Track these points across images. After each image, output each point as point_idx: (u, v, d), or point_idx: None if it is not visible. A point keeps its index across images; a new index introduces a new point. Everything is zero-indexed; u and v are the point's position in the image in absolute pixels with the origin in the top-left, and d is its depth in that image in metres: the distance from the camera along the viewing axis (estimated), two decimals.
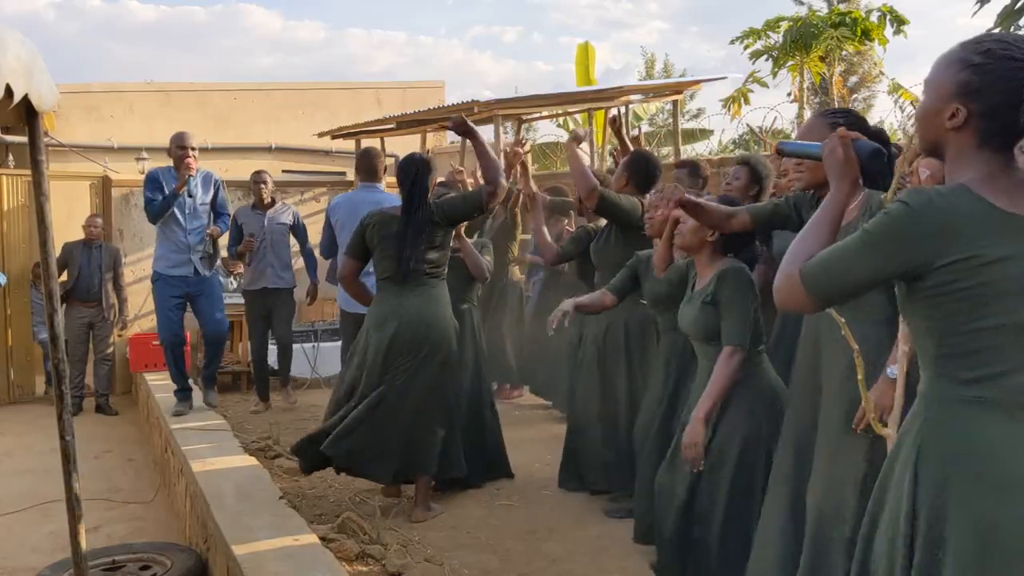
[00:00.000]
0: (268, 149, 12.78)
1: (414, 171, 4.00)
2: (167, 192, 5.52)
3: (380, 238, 4.01)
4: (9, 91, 1.96)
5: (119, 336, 7.87)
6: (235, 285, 7.94)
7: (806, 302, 1.56)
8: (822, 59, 12.21)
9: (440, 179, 6.78)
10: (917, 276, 1.47)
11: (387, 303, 4.01)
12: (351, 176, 9.11)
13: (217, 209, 5.78)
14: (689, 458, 2.84)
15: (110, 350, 7.62)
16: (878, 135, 2.39)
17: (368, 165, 5.45)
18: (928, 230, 1.44)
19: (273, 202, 6.64)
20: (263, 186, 6.55)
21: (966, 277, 1.42)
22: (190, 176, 5.53)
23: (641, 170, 4.16)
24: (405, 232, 3.94)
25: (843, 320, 2.11)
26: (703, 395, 2.85)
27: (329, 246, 5.62)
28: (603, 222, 4.29)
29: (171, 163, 5.63)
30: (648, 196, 3.77)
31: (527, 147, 5.03)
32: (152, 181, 5.58)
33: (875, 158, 1.67)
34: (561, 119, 14.69)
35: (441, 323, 4.01)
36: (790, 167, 2.65)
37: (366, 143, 10.57)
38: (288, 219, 6.63)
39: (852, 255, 1.50)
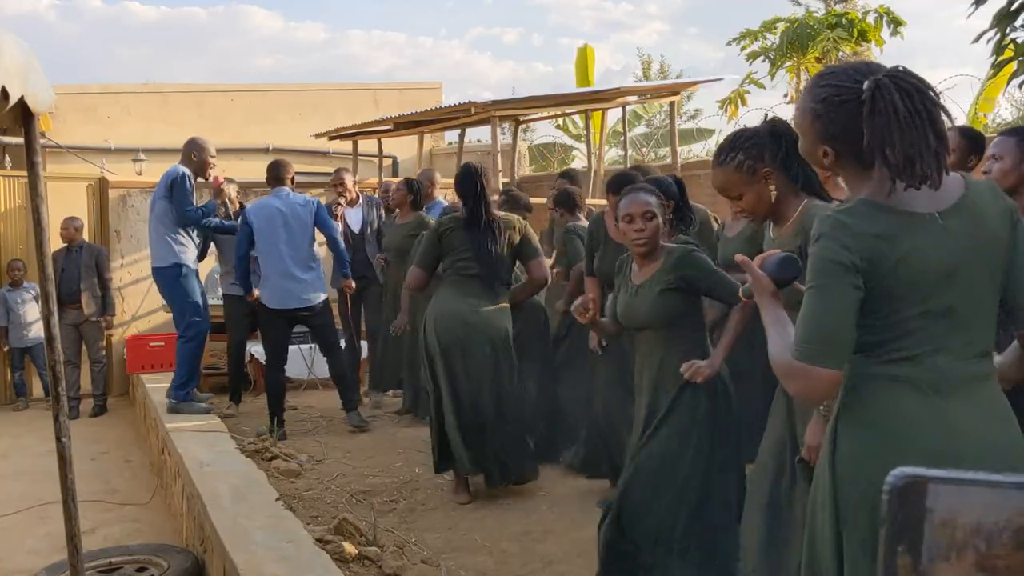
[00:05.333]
0: (265, 150, 12.76)
1: (473, 183, 4.30)
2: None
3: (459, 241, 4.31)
4: (5, 93, 1.96)
5: (110, 336, 7.85)
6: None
7: (824, 376, 1.56)
8: (819, 60, 12.24)
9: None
10: (866, 284, 1.56)
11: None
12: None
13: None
14: (695, 376, 2.82)
15: (103, 352, 7.60)
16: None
17: (275, 174, 5.80)
18: (854, 247, 1.54)
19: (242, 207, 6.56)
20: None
21: (888, 273, 1.54)
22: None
23: (567, 200, 4.94)
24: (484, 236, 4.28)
25: None
26: (719, 347, 2.86)
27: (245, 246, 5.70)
28: (582, 222, 4.71)
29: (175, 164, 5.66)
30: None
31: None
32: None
33: (783, 268, 1.78)
34: (559, 120, 14.71)
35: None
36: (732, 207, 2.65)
37: (363, 144, 10.59)
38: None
39: (818, 309, 1.57)
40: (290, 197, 5.72)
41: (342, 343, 6.25)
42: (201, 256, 6.15)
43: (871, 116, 1.55)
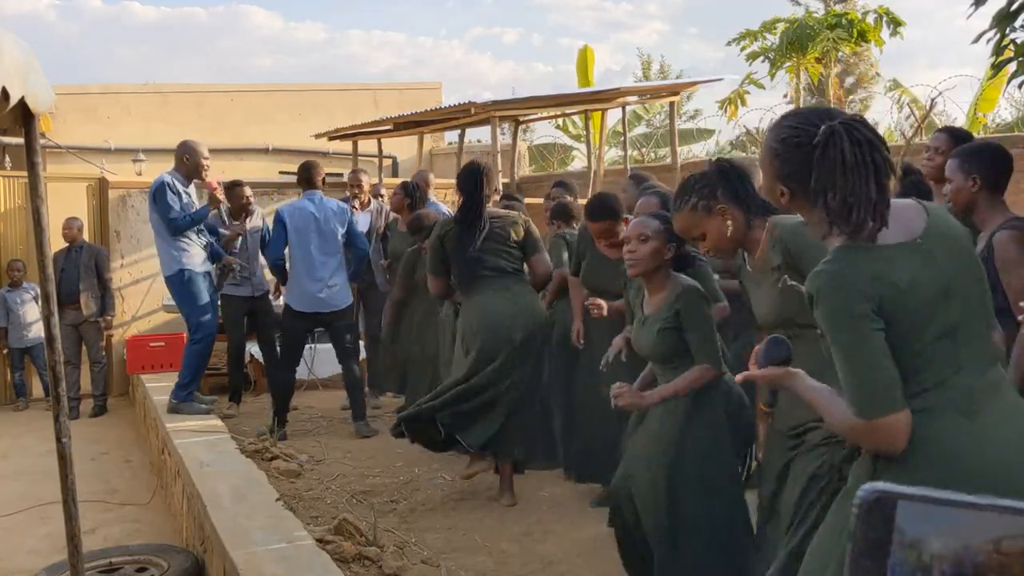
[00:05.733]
0: (265, 150, 12.78)
1: (473, 180, 4.24)
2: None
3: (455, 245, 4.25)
4: (5, 93, 1.96)
5: (110, 336, 7.86)
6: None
7: (896, 421, 1.55)
8: (818, 60, 12.24)
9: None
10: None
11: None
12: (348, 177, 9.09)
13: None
14: (616, 398, 2.85)
15: (103, 352, 7.61)
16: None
17: (307, 176, 5.79)
18: (859, 295, 1.56)
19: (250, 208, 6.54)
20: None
21: (896, 309, 1.56)
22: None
23: (563, 213, 4.91)
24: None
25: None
26: (664, 386, 2.86)
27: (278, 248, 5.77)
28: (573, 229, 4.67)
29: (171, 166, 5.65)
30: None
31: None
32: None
33: (773, 353, 1.82)
34: (559, 120, 14.71)
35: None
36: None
37: (363, 144, 10.59)
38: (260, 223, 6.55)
39: (857, 364, 1.57)
40: (324, 202, 5.73)
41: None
42: (215, 257, 6.12)
43: (821, 161, 1.60)
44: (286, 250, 5.74)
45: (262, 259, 6.33)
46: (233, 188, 6.35)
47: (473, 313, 4.21)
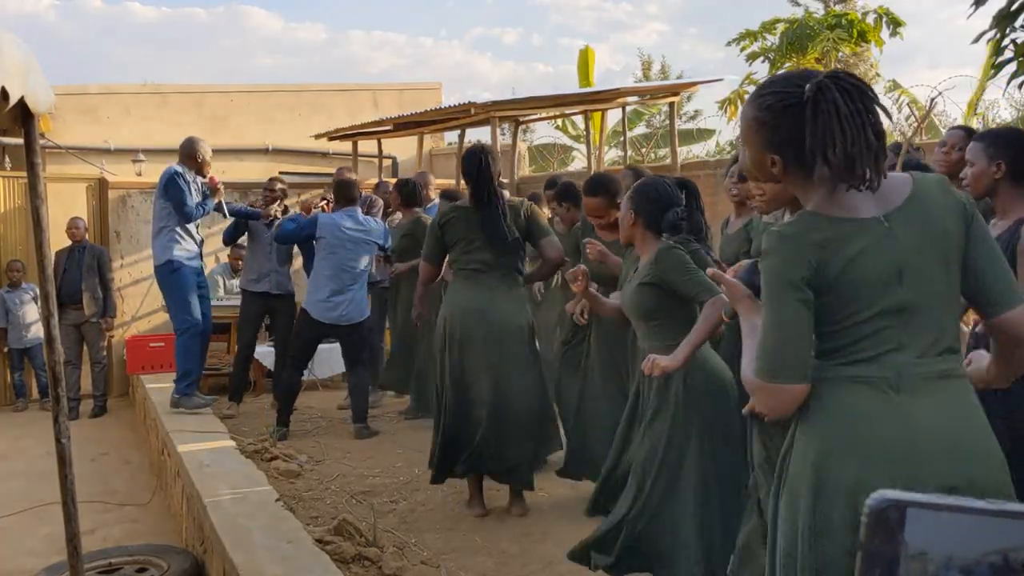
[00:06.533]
0: (265, 151, 12.77)
1: (478, 160, 4.07)
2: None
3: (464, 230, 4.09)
4: (5, 93, 1.96)
5: (111, 337, 7.86)
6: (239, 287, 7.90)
7: (788, 391, 1.59)
8: (818, 61, 12.22)
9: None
10: (818, 293, 1.59)
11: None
12: None
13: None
14: (651, 371, 2.81)
15: (104, 353, 7.61)
16: None
17: (347, 195, 5.86)
18: (799, 259, 1.57)
19: (286, 209, 6.57)
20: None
21: (836, 279, 1.57)
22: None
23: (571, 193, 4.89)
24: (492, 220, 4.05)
25: None
26: (685, 341, 2.83)
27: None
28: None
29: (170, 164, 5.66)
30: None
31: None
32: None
33: (756, 273, 1.79)
34: (559, 120, 14.70)
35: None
36: (753, 191, 2.60)
37: (363, 144, 10.59)
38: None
39: (772, 328, 1.59)
40: (361, 219, 5.82)
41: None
42: (229, 240, 6.54)
43: (814, 117, 1.56)
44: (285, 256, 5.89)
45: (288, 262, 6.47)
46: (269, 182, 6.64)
47: (456, 306, 4.08)
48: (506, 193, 4.32)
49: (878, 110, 1.58)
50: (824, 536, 1.55)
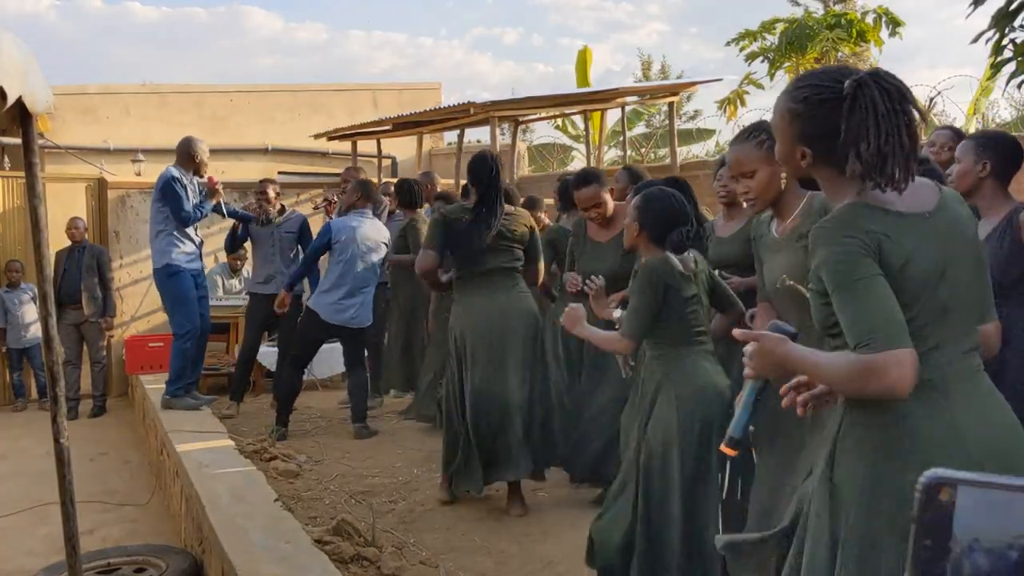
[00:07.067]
0: (264, 151, 12.78)
1: (488, 167, 4.13)
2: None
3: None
4: (3, 93, 1.96)
5: (110, 337, 7.86)
6: (239, 287, 7.90)
7: (907, 356, 1.49)
8: (818, 61, 12.24)
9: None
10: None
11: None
12: None
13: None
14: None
15: (103, 353, 7.61)
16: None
17: (367, 195, 5.91)
18: (866, 242, 1.54)
19: (283, 209, 6.57)
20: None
21: (894, 273, 1.54)
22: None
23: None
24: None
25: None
26: (591, 331, 2.96)
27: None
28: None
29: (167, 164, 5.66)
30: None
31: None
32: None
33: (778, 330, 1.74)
34: (558, 120, 14.70)
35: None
36: (738, 189, 2.56)
37: (362, 144, 10.59)
38: (294, 227, 6.57)
39: (866, 301, 1.52)
40: (376, 223, 5.85)
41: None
42: (231, 250, 6.46)
43: (851, 113, 1.56)
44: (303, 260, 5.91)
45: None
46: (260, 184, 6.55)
47: (467, 314, 4.13)
48: (518, 204, 4.39)
49: (914, 113, 1.58)
50: (877, 547, 1.55)
